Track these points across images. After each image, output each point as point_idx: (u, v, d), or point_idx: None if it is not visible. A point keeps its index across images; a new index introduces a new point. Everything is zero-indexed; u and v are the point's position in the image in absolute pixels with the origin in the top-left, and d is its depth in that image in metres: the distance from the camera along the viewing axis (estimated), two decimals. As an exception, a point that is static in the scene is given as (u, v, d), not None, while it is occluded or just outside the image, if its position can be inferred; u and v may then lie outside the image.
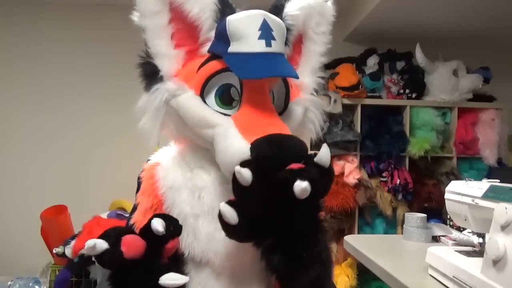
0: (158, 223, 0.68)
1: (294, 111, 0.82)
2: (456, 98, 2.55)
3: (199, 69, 0.76)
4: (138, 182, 0.85)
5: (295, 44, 0.88)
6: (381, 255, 1.39)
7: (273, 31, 0.74)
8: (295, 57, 0.89)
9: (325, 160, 0.67)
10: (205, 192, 0.78)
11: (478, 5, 2.26)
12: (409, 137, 2.53)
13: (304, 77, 0.87)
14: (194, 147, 0.82)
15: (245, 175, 0.62)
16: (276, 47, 0.74)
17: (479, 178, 1.27)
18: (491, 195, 0.98)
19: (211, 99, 0.75)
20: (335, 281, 2.29)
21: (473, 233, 1.29)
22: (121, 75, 2.05)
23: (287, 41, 0.83)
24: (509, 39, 2.88)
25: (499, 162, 2.57)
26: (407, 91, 2.57)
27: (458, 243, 1.44)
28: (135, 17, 0.76)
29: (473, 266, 1.00)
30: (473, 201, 1.03)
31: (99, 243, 0.65)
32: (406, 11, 2.36)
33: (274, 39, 0.73)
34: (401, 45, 2.68)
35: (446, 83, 2.54)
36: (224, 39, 0.74)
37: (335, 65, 2.61)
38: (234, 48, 0.73)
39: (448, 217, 1.71)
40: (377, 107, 2.57)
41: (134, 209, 0.83)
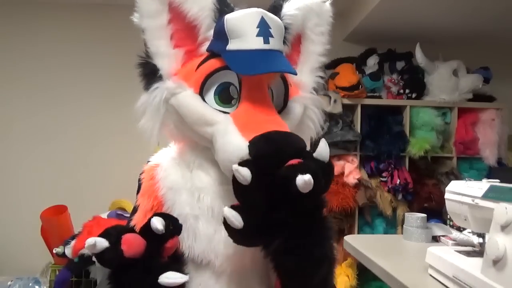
0: (157, 222, 0.68)
1: (293, 109, 0.82)
2: (456, 98, 2.55)
3: (198, 67, 0.76)
4: (138, 183, 0.85)
5: (294, 43, 0.88)
6: (381, 255, 1.39)
7: (271, 28, 0.74)
8: (294, 57, 0.89)
9: (325, 154, 0.66)
10: (205, 192, 0.77)
11: (478, 5, 2.26)
12: (409, 137, 2.53)
13: (303, 76, 0.87)
14: (194, 147, 0.82)
15: (244, 174, 0.61)
16: (274, 44, 0.74)
17: (479, 178, 1.27)
18: (491, 195, 0.98)
19: (211, 98, 0.75)
20: (335, 281, 2.29)
21: (473, 233, 1.29)
22: (121, 75, 2.05)
23: (285, 40, 0.83)
24: (509, 39, 2.88)
25: (499, 162, 2.57)
26: (407, 91, 2.57)
27: (458, 243, 1.44)
28: (135, 18, 0.76)
29: (473, 266, 1.00)
30: (473, 201, 1.03)
31: (100, 241, 0.65)
32: (406, 11, 2.36)
33: (272, 36, 0.73)
34: (401, 45, 2.68)
35: (446, 83, 2.54)
36: (222, 38, 0.74)
37: (335, 65, 2.61)
38: (232, 45, 0.73)
39: (448, 217, 1.71)
40: (377, 107, 2.57)
41: (134, 210, 0.83)
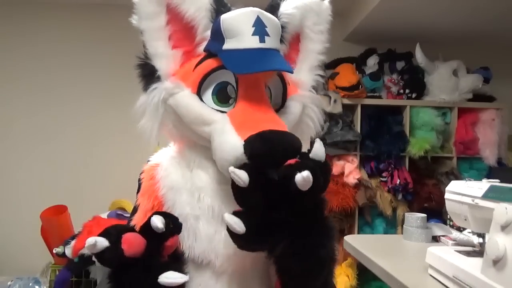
0: (158, 220, 0.68)
1: (291, 107, 0.82)
2: (456, 98, 2.55)
3: (195, 68, 0.76)
4: (138, 183, 0.85)
5: (293, 42, 0.88)
6: (381, 255, 1.39)
7: (267, 27, 0.74)
8: (293, 56, 0.89)
9: (320, 154, 0.67)
10: (205, 192, 0.77)
11: (478, 5, 2.26)
12: (409, 137, 2.53)
13: (302, 75, 0.87)
14: (193, 147, 0.82)
15: (241, 176, 0.61)
16: (270, 43, 0.74)
17: (479, 178, 1.27)
18: (491, 195, 0.98)
19: (208, 97, 0.76)
20: (335, 281, 2.29)
21: (473, 233, 1.29)
22: (121, 75, 2.04)
23: (283, 39, 0.83)
24: (509, 39, 2.88)
25: (499, 162, 2.57)
26: (407, 91, 2.57)
27: (458, 243, 1.44)
28: (134, 20, 0.76)
29: (473, 266, 1.00)
30: (473, 201, 1.03)
31: (100, 241, 0.65)
32: (406, 11, 2.36)
33: (268, 35, 0.73)
34: (401, 45, 2.68)
35: (446, 83, 2.54)
36: (219, 37, 0.74)
37: (335, 65, 2.61)
38: (228, 45, 0.73)
39: (448, 217, 1.71)
40: (377, 107, 2.57)
41: (134, 210, 0.83)
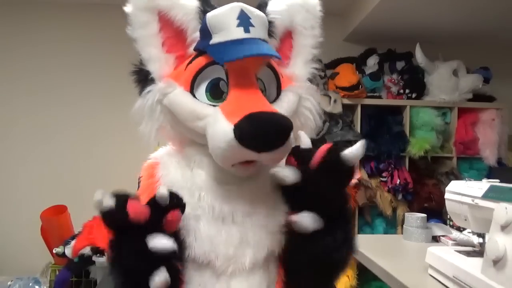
0: (164, 189, 0.68)
1: (286, 98, 0.83)
2: (456, 98, 2.55)
3: (186, 67, 0.78)
4: (139, 182, 0.85)
5: (284, 39, 0.89)
6: (381, 255, 1.40)
7: (251, 19, 0.75)
8: (286, 52, 0.90)
9: (309, 145, 0.73)
10: (205, 191, 0.78)
11: (478, 5, 2.26)
12: (409, 137, 2.53)
13: (296, 69, 0.88)
14: (192, 146, 0.83)
15: (287, 174, 0.67)
16: (255, 33, 0.75)
17: (479, 178, 1.27)
18: (491, 195, 0.98)
19: (202, 95, 0.77)
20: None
21: (473, 233, 1.29)
22: (121, 75, 2.02)
23: (272, 34, 0.84)
24: (509, 39, 2.88)
25: (499, 162, 2.57)
26: (407, 91, 2.57)
27: (458, 243, 1.44)
28: (128, 29, 0.78)
29: (473, 266, 1.00)
30: (473, 201, 1.03)
31: (107, 200, 0.66)
32: (406, 11, 2.36)
33: (252, 25, 0.75)
34: (401, 45, 2.68)
35: (446, 83, 2.54)
36: (206, 35, 0.76)
37: (335, 65, 2.62)
38: (215, 39, 0.75)
39: (448, 217, 1.71)
40: (377, 107, 2.57)
41: None
